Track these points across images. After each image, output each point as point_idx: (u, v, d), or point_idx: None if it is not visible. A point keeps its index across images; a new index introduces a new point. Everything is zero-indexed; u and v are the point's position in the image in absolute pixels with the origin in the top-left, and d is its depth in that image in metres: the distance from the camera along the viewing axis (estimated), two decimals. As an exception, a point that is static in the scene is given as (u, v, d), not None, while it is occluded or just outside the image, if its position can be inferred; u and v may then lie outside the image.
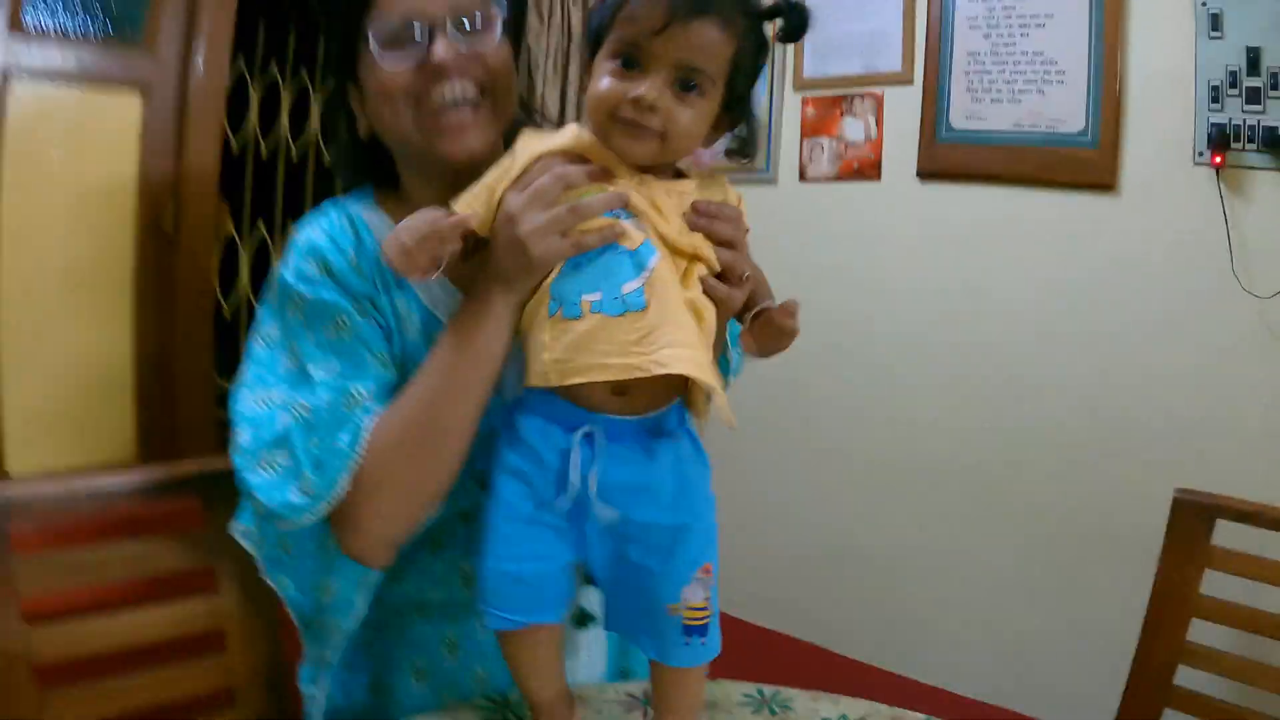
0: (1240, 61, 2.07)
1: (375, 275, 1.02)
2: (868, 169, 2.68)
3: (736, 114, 0.94)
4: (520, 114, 1.12)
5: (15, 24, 1.65)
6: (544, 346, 0.85)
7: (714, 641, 0.89)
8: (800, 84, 2.80)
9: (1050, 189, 2.37)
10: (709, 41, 0.86)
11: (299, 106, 2.57)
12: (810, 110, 2.79)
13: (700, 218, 0.89)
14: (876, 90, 2.66)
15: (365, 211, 1.06)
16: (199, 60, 1.87)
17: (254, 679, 1.33)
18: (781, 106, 2.85)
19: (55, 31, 1.74)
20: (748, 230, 0.96)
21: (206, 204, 1.93)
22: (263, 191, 2.61)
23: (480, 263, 0.93)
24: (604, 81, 0.87)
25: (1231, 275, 2.09)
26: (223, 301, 2.18)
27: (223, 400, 2.31)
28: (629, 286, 0.83)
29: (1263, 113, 2.04)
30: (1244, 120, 2.07)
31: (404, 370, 1.00)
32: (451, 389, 0.92)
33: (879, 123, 2.67)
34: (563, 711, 0.95)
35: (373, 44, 0.96)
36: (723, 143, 0.97)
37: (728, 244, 0.91)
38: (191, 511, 1.31)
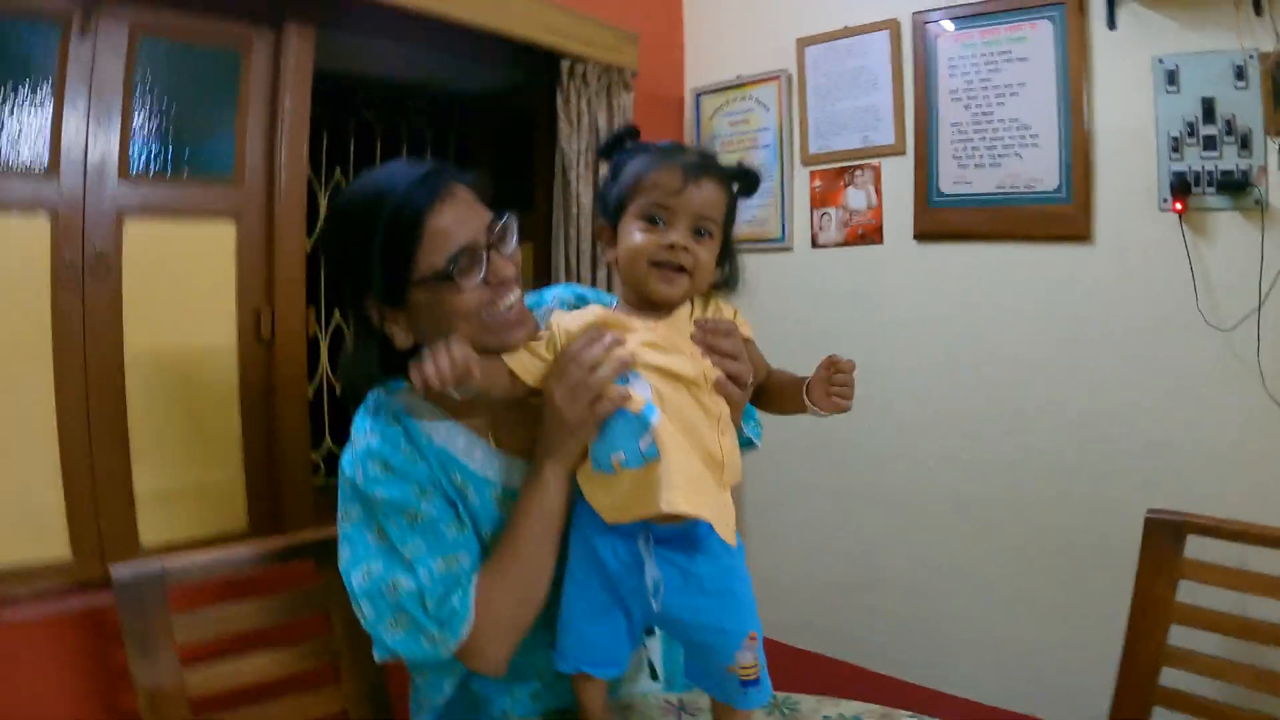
0: (1197, 112, 2.14)
1: (431, 458, 1.15)
2: (871, 234, 2.75)
3: (725, 253, 1.14)
4: None
5: (124, 171, 1.83)
6: (596, 497, 1.07)
7: (766, 688, 1.07)
8: (807, 159, 2.88)
9: (1032, 242, 2.44)
10: (714, 197, 1.09)
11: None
12: (818, 183, 2.86)
13: (705, 335, 1.09)
14: (874, 161, 2.73)
15: (406, 403, 1.17)
16: (281, 187, 2.03)
17: (362, 702, 1.50)
18: (792, 181, 2.92)
19: (157, 174, 1.90)
20: (748, 339, 1.14)
21: (296, 311, 2.06)
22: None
23: (528, 410, 1.12)
24: (637, 236, 1.08)
25: (1197, 310, 2.16)
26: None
27: (314, 471, 2.55)
28: (643, 443, 1.02)
29: (1219, 158, 2.11)
30: (1202, 166, 2.13)
31: (475, 522, 1.16)
32: (533, 545, 1.10)
33: (878, 191, 2.73)
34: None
35: (455, 275, 1.06)
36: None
37: (729, 354, 1.09)
38: (306, 571, 1.50)
